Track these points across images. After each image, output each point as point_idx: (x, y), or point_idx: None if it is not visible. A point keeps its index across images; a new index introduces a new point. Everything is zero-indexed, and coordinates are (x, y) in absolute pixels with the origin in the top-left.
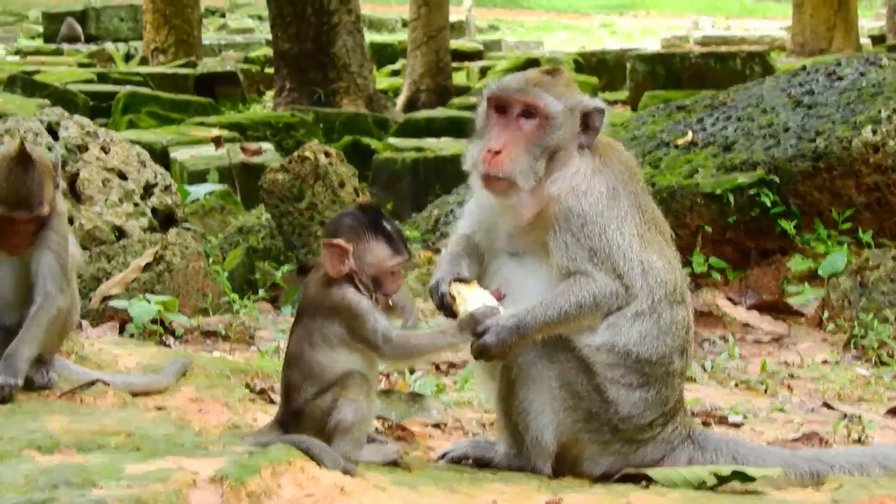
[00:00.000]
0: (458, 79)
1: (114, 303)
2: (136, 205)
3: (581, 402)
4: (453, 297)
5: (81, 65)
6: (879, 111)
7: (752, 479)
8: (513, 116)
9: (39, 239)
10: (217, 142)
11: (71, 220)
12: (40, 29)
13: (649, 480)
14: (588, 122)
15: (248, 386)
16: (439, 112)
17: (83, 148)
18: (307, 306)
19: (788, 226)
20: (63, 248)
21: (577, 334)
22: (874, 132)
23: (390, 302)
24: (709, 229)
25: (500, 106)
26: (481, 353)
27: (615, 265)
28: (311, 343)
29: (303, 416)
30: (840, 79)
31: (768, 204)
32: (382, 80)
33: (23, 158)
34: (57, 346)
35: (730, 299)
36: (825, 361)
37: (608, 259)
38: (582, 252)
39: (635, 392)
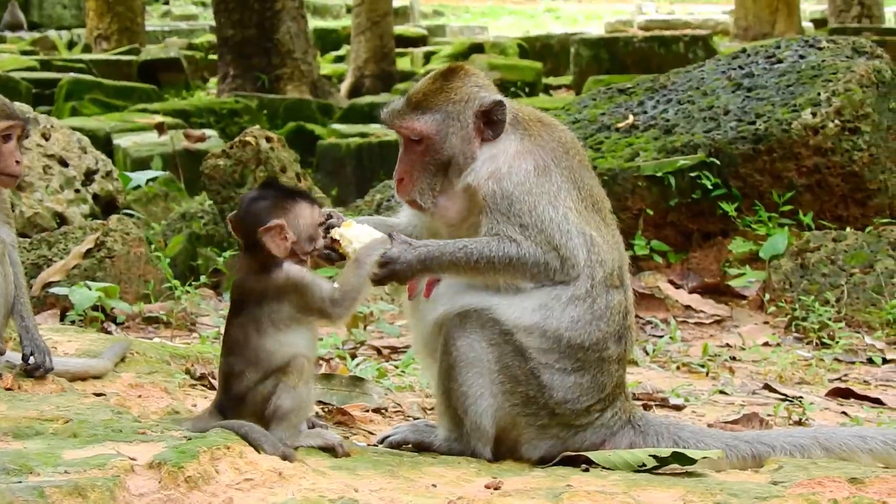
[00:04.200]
0: (403, 64)
1: (55, 289)
2: (77, 191)
3: (518, 385)
4: (337, 242)
5: (24, 52)
6: (819, 93)
7: (692, 461)
8: (406, 140)
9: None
10: (160, 128)
11: (12, 208)
12: None
13: (589, 463)
14: (490, 116)
15: (188, 372)
16: (383, 98)
17: None
18: (249, 296)
19: (730, 208)
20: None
21: (504, 305)
22: (814, 114)
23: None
24: (650, 212)
25: None
26: (388, 275)
27: (550, 238)
28: (258, 330)
29: (243, 402)
30: (780, 61)
31: (709, 186)
32: (326, 66)
33: None
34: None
35: (672, 282)
36: (766, 344)
37: (541, 233)
38: (513, 227)
39: (570, 377)
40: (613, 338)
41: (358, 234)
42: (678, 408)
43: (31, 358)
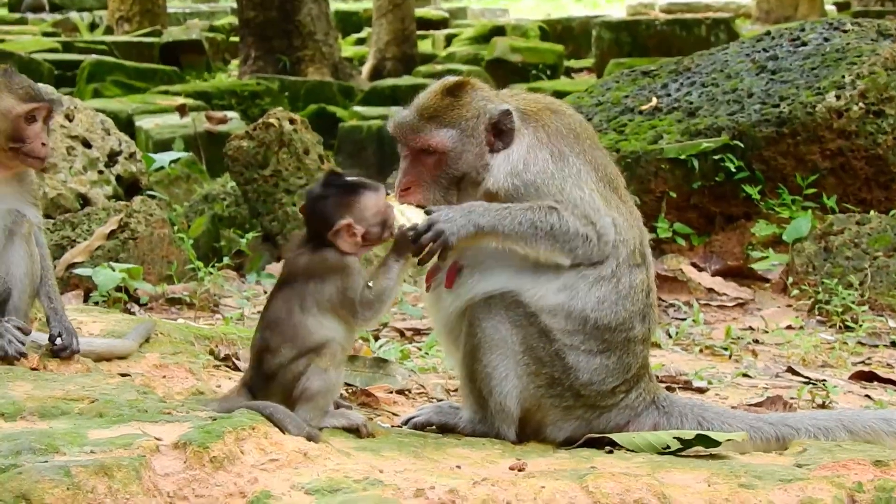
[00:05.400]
0: (424, 47)
1: (78, 270)
2: (100, 172)
3: (543, 367)
4: None
5: (46, 34)
6: (843, 76)
7: (716, 444)
8: (415, 151)
9: (24, 189)
10: (182, 110)
11: None
12: None
13: (613, 445)
14: (499, 126)
15: (212, 352)
16: (405, 80)
17: None
18: (298, 272)
19: (753, 191)
20: (40, 206)
21: (528, 287)
22: (838, 97)
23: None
24: (673, 195)
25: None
26: (436, 236)
27: (585, 213)
28: (302, 307)
29: (273, 380)
30: (804, 44)
31: (732, 169)
32: (347, 49)
33: (6, 67)
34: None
35: (694, 265)
36: (789, 327)
37: (576, 208)
38: (550, 200)
39: (595, 358)
40: (638, 317)
41: (406, 208)
42: (701, 390)
43: (59, 339)
